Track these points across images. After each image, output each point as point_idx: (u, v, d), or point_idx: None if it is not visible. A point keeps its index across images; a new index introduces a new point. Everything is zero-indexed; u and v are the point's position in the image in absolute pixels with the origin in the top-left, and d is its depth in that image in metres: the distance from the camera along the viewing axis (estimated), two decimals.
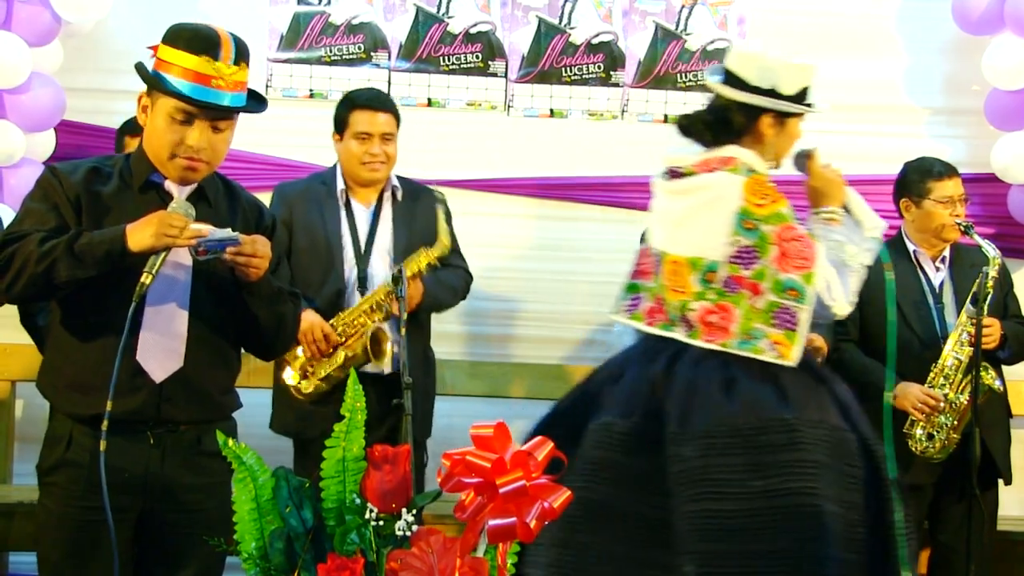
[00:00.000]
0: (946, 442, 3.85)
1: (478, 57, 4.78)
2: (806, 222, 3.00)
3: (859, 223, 3.03)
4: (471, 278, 4.04)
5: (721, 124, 3.03)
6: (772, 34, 4.67)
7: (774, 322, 2.86)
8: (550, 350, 4.80)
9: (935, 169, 4.01)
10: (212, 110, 2.59)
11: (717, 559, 2.72)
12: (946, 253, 4.05)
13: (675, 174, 3.06)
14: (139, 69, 2.65)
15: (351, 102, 3.84)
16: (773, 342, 2.85)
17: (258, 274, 2.60)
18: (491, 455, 1.73)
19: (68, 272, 2.49)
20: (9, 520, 4.12)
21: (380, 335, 3.67)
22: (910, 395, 3.82)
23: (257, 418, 3.66)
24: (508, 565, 1.90)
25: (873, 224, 3.06)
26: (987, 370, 3.78)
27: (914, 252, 4.02)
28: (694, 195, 3.00)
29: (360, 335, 3.66)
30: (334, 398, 3.64)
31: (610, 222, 4.80)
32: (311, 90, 4.74)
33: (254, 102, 2.70)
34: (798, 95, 3.02)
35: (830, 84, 3.11)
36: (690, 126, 3.10)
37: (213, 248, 2.52)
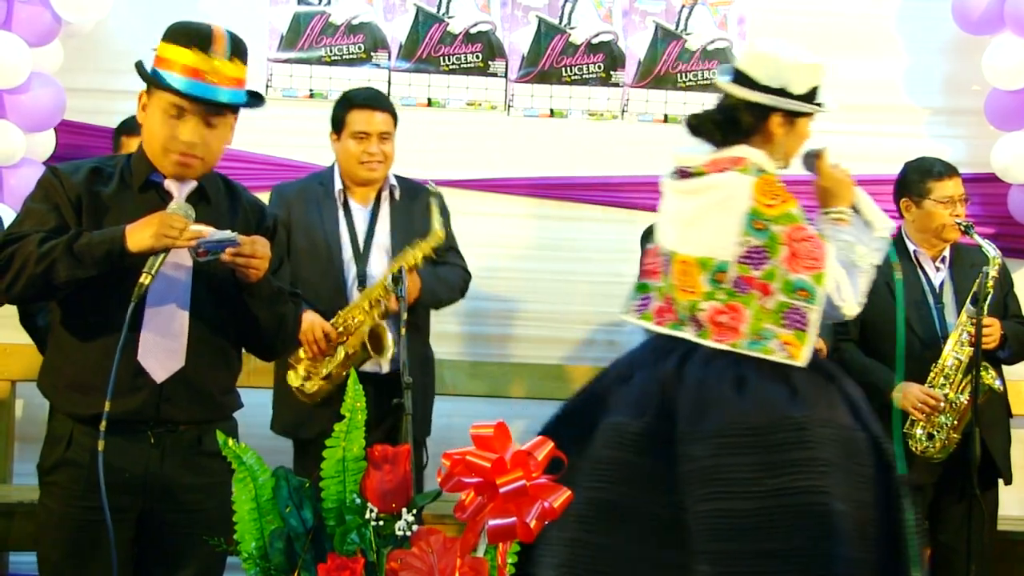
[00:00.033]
0: (946, 442, 3.85)
1: (478, 57, 4.78)
2: (815, 222, 2.99)
3: (869, 223, 3.03)
4: (469, 276, 4.03)
5: (730, 123, 3.01)
6: (772, 34, 4.64)
7: (784, 322, 2.85)
8: (550, 350, 4.80)
9: (935, 169, 4.01)
10: (204, 104, 2.58)
11: (728, 558, 2.71)
12: (946, 253, 4.05)
13: (685, 174, 3.05)
14: (138, 67, 2.65)
15: (348, 102, 3.84)
16: (783, 342, 2.85)
17: (258, 275, 2.60)
18: (491, 455, 1.73)
19: (68, 272, 2.49)
20: (9, 520, 4.12)
21: (380, 330, 3.66)
22: (910, 395, 3.82)
23: (257, 418, 3.66)
24: (508, 565, 1.90)
25: (883, 224, 3.06)
26: (987, 370, 3.78)
27: (914, 252, 4.02)
28: (704, 195, 2.98)
29: (359, 332, 3.66)
30: (335, 398, 3.65)
31: (610, 222, 4.80)
32: (311, 90, 4.74)
33: (251, 99, 2.70)
34: (808, 94, 3.01)
35: (830, 84, 3.11)
36: (700, 125, 3.08)
37: (212, 249, 2.52)
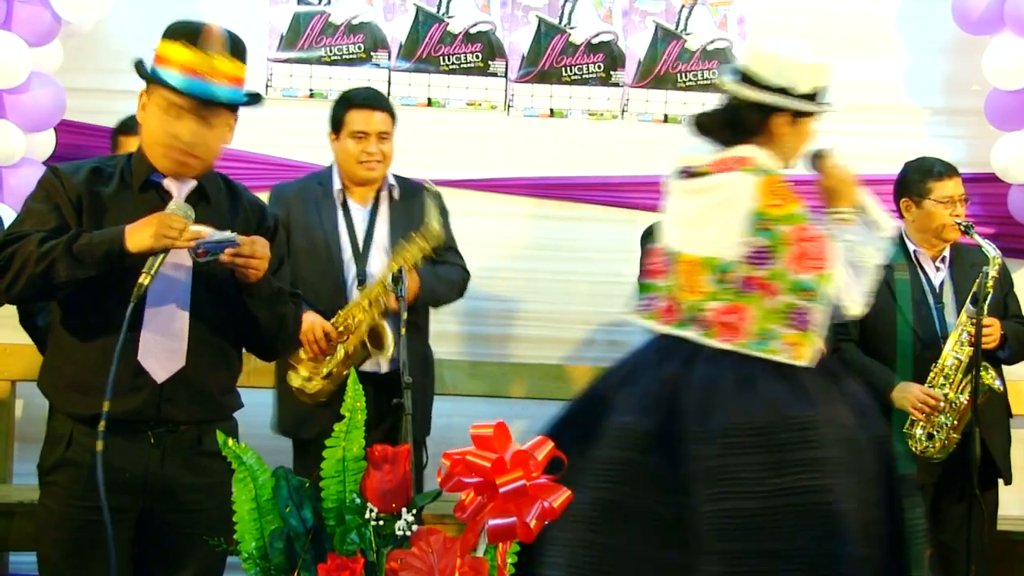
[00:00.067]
0: (946, 442, 3.85)
1: (478, 57, 4.78)
2: (820, 222, 2.99)
3: (873, 223, 3.03)
4: (468, 275, 4.03)
5: (735, 123, 3.01)
6: (772, 34, 4.65)
7: (789, 323, 2.84)
8: (550, 350, 4.79)
9: (935, 169, 4.01)
10: (202, 102, 2.58)
11: (735, 558, 2.71)
12: (946, 253, 4.04)
13: (689, 173, 3.04)
14: (137, 65, 2.65)
15: (347, 101, 3.84)
16: (788, 343, 2.84)
17: (257, 275, 2.59)
18: (491, 455, 1.73)
19: (67, 272, 2.49)
20: (9, 520, 4.12)
21: (379, 328, 3.65)
22: (910, 395, 3.82)
23: (257, 418, 3.65)
24: (508, 565, 1.90)
25: (887, 224, 3.05)
26: (987, 370, 3.78)
27: (914, 252, 4.02)
28: (708, 195, 2.98)
29: (359, 331, 3.66)
30: (336, 398, 3.65)
31: (610, 222, 4.80)
32: (311, 90, 4.74)
33: (249, 99, 2.69)
34: (813, 94, 3.00)
35: (833, 84, 3.11)
36: (704, 124, 3.07)
37: (212, 249, 2.52)
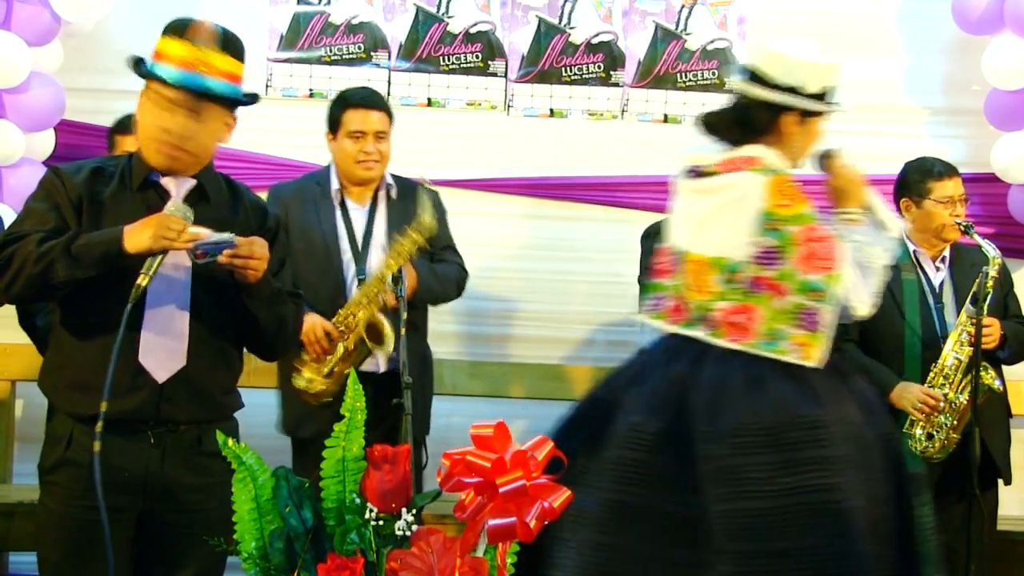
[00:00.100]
0: (946, 442, 3.85)
1: (478, 57, 4.78)
2: (828, 222, 2.99)
3: (881, 224, 3.02)
4: (466, 274, 4.02)
5: (744, 122, 3.00)
6: (772, 34, 4.65)
7: (798, 323, 2.84)
8: (549, 350, 4.80)
9: (935, 169, 4.01)
10: (192, 95, 2.57)
11: (745, 558, 2.71)
12: (946, 253, 4.04)
13: (697, 173, 3.03)
14: (131, 61, 2.65)
15: (344, 101, 3.84)
16: (797, 343, 2.84)
17: (256, 276, 2.59)
18: (491, 455, 1.73)
19: (66, 273, 2.49)
20: (9, 520, 4.12)
21: (377, 322, 3.64)
22: (910, 395, 3.82)
23: (258, 418, 3.64)
24: (508, 565, 1.90)
25: (895, 225, 3.05)
26: (987, 370, 3.78)
27: (914, 252, 4.01)
28: (717, 195, 2.97)
29: (359, 328, 3.65)
30: (339, 398, 3.64)
31: (609, 222, 4.80)
32: (311, 90, 4.74)
33: (246, 96, 2.69)
34: (822, 94, 3.00)
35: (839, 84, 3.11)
36: (713, 124, 3.07)
37: (210, 251, 2.52)
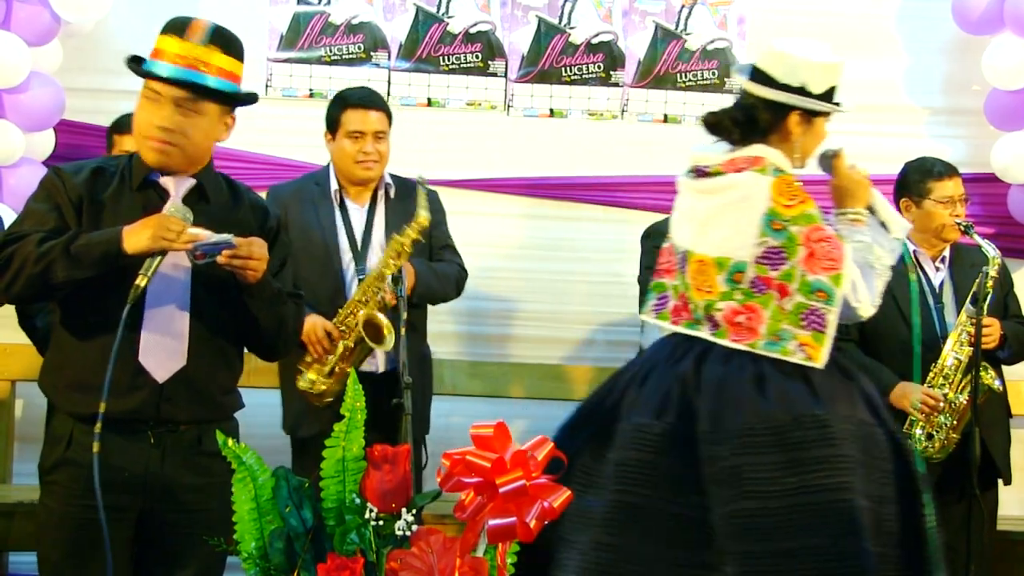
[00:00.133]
0: (945, 442, 3.85)
1: (478, 57, 4.78)
2: (832, 223, 2.98)
3: (884, 224, 3.02)
4: (466, 273, 4.02)
5: (748, 122, 2.99)
6: (772, 34, 4.64)
7: (803, 323, 2.83)
8: (549, 350, 4.80)
9: (935, 169, 4.01)
10: (183, 89, 2.57)
11: (751, 559, 2.70)
12: (946, 253, 4.04)
13: (701, 173, 3.02)
14: (127, 60, 2.66)
15: (343, 101, 3.84)
16: (801, 343, 2.83)
17: (255, 276, 2.59)
18: (491, 455, 1.73)
19: (65, 273, 2.50)
20: (9, 520, 4.12)
21: (374, 319, 3.63)
22: (910, 395, 3.82)
23: (258, 418, 3.64)
24: (508, 565, 1.90)
25: (898, 226, 3.05)
26: (987, 370, 3.78)
27: (914, 252, 4.02)
28: (721, 195, 2.96)
29: (358, 326, 3.65)
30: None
31: (609, 222, 4.80)
32: (311, 90, 4.74)
33: (242, 94, 2.69)
34: (826, 93, 2.99)
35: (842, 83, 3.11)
36: (717, 123, 3.05)
37: (209, 252, 2.52)
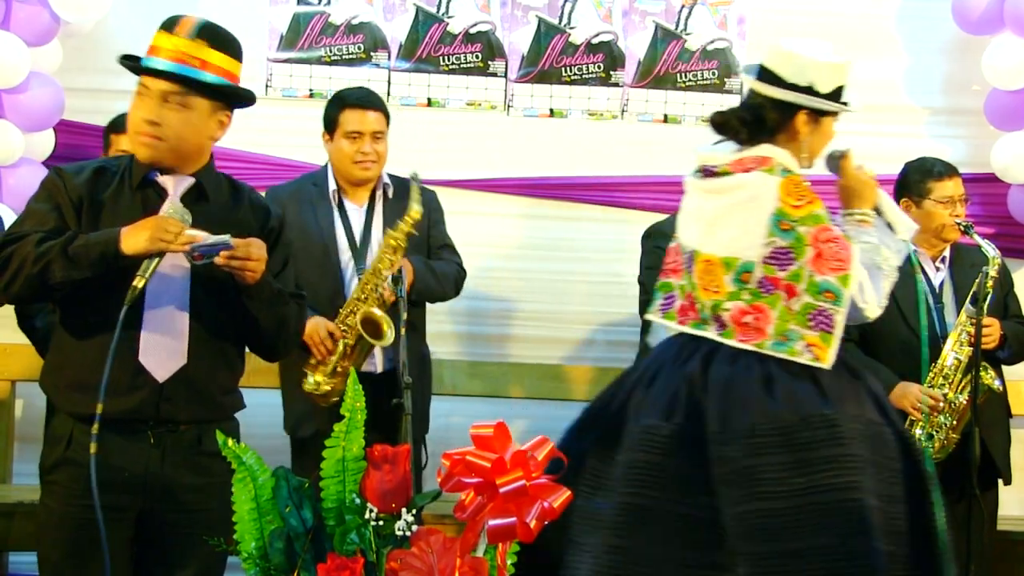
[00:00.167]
0: (945, 442, 3.85)
1: (478, 57, 4.78)
2: (838, 223, 2.98)
3: (891, 225, 3.02)
4: (464, 273, 4.01)
5: (756, 121, 2.98)
6: (772, 34, 4.64)
7: (810, 324, 2.83)
8: (549, 350, 4.79)
9: (935, 169, 4.01)
10: (173, 81, 2.58)
11: (761, 559, 2.70)
12: (946, 253, 4.04)
13: (709, 173, 3.01)
14: (122, 59, 2.66)
15: (341, 101, 3.84)
16: (809, 344, 2.83)
17: (254, 277, 2.59)
18: (491, 455, 1.73)
19: (63, 273, 2.50)
20: (9, 520, 4.12)
21: (372, 316, 3.63)
22: (909, 395, 3.82)
23: (258, 418, 3.64)
24: (508, 565, 1.90)
25: (905, 227, 3.05)
26: (987, 370, 3.78)
27: (914, 252, 4.02)
28: (729, 195, 2.95)
29: (356, 324, 3.65)
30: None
31: (609, 222, 4.80)
32: (311, 90, 4.74)
33: (236, 91, 2.69)
34: (833, 93, 2.99)
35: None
36: (724, 123, 3.04)
37: (207, 253, 2.52)
